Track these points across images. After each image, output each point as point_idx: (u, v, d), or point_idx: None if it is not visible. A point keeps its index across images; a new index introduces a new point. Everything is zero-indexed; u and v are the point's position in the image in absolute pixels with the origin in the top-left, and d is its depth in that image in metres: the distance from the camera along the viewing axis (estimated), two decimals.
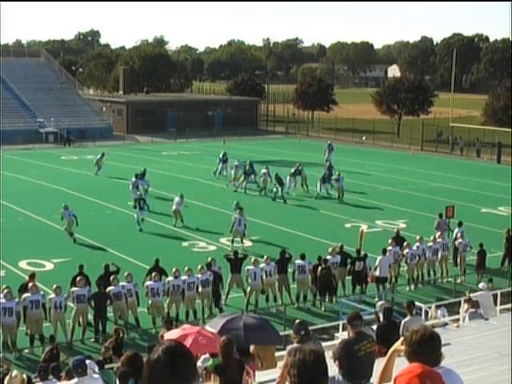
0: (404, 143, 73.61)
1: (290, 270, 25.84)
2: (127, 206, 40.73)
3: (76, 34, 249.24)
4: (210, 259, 25.36)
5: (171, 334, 15.21)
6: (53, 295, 21.98)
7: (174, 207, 36.88)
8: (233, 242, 32.57)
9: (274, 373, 12.67)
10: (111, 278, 23.15)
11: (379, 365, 6.36)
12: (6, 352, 20.73)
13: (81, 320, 22.53)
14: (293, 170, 46.17)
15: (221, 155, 51.44)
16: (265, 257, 25.82)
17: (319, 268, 25.59)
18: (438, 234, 29.87)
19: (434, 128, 76.14)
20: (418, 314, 18.80)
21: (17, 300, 21.29)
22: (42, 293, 22.05)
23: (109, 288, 22.81)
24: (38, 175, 46.78)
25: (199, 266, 24.35)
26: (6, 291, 21.29)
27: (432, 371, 5.14)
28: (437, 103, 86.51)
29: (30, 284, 22.22)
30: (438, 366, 5.27)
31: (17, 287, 22.76)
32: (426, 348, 5.26)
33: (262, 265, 25.45)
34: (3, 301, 21.03)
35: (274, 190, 43.78)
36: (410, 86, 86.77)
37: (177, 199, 36.94)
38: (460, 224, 30.84)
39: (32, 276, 23.66)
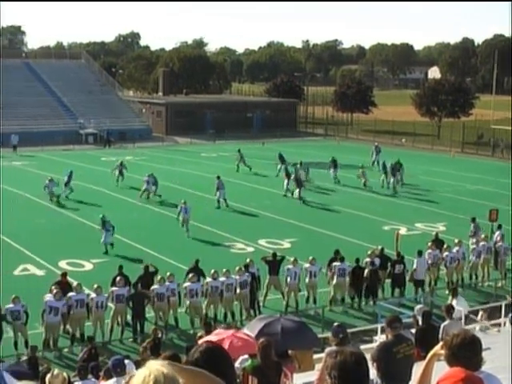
0: (444, 145, 73.04)
1: (323, 270, 25.76)
2: (167, 207, 40.99)
3: (116, 35, 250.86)
4: (248, 260, 25.39)
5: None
6: (94, 295, 22.17)
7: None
8: (183, 225, 35.40)
9: (312, 375, 12.64)
10: (158, 277, 23.26)
11: (418, 369, 6.31)
12: (46, 351, 20.94)
13: (119, 320, 22.68)
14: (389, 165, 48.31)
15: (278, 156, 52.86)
16: (310, 258, 25.71)
17: (366, 270, 25.56)
18: (474, 240, 29.57)
19: (475, 130, 75.47)
20: (458, 318, 18.63)
21: (64, 301, 21.49)
22: (86, 292, 22.21)
23: (153, 287, 22.98)
24: (78, 176, 47.03)
25: (237, 268, 24.39)
26: (55, 291, 21.51)
27: (474, 376, 5.08)
28: (478, 105, 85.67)
29: (75, 284, 22.42)
30: (478, 371, 5.21)
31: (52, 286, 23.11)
32: (467, 352, 5.20)
33: (306, 265, 25.41)
34: (51, 299, 21.26)
35: (296, 192, 43.93)
36: (450, 87, 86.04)
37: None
38: (499, 227, 30.54)
39: (64, 275, 23.90)
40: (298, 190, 43.85)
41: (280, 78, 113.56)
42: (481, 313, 21.75)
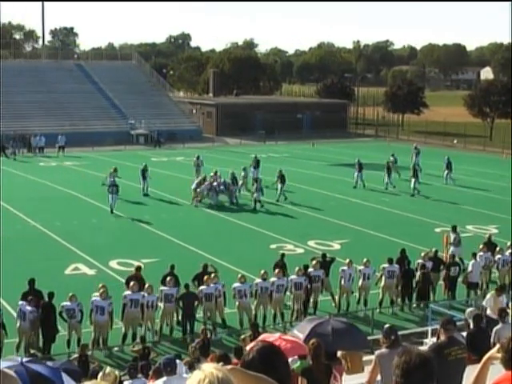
0: (496, 147, 72.19)
1: (377, 273, 25.60)
2: (214, 207, 41.15)
3: (167, 36, 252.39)
4: (314, 262, 25.17)
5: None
6: (145, 294, 22.26)
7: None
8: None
9: (362, 377, 12.56)
10: (205, 277, 23.24)
11: (472, 372, 6.22)
12: (96, 350, 21.11)
13: (168, 320, 22.76)
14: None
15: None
16: (364, 259, 25.56)
17: (418, 273, 25.36)
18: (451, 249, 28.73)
19: None
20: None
21: (110, 301, 21.62)
22: (142, 293, 22.28)
23: (201, 287, 22.97)
24: (128, 176, 47.34)
25: (297, 268, 24.34)
26: (101, 290, 21.68)
27: None
28: None
29: (132, 283, 22.53)
30: None
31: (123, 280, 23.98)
32: None
33: (360, 267, 25.27)
34: (97, 299, 21.45)
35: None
36: (503, 88, 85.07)
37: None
38: None
39: (138, 269, 24.33)
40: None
41: (330, 78, 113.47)
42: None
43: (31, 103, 78.54)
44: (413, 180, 46.32)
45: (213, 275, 23.54)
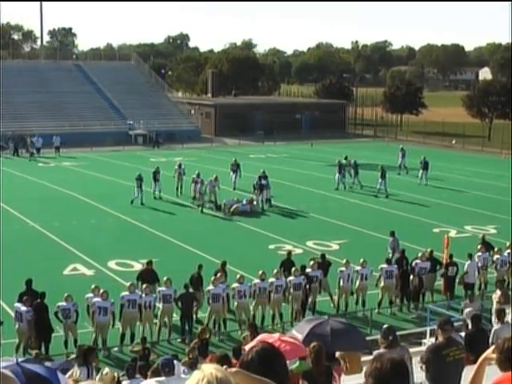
0: (495, 147, 72.17)
1: (376, 273, 25.61)
2: (213, 208, 41.08)
3: (165, 37, 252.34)
4: (311, 263, 25.18)
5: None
6: (143, 295, 22.26)
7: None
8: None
9: (360, 378, 12.55)
10: (212, 278, 23.17)
11: (469, 373, 6.23)
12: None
13: (166, 320, 22.74)
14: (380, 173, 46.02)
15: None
16: (361, 260, 25.56)
17: (411, 277, 25.43)
18: (396, 254, 28.32)
19: None
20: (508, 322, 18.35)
21: (112, 301, 21.65)
22: (139, 293, 22.28)
23: (208, 287, 22.95)
24: (126, 176, 47.30)
25: (293, 269, 24.34)
26: (102, 291, 21.67)
27: None
28: None
29: (128, 284, 22.63)
30: None
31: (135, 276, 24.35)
32: None
33: (357, 267, 25.28)
34: (99, 299, 21.44)
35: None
36: (502, 88, 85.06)
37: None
38: None
39: (149, 263, 24.61)
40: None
41: (329, 79, 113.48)
42: (498, 292, 21.34)
43: (30, 103, 78.54)
44: (379, 180, 46.00)
45: (219, 274, 23.57)
